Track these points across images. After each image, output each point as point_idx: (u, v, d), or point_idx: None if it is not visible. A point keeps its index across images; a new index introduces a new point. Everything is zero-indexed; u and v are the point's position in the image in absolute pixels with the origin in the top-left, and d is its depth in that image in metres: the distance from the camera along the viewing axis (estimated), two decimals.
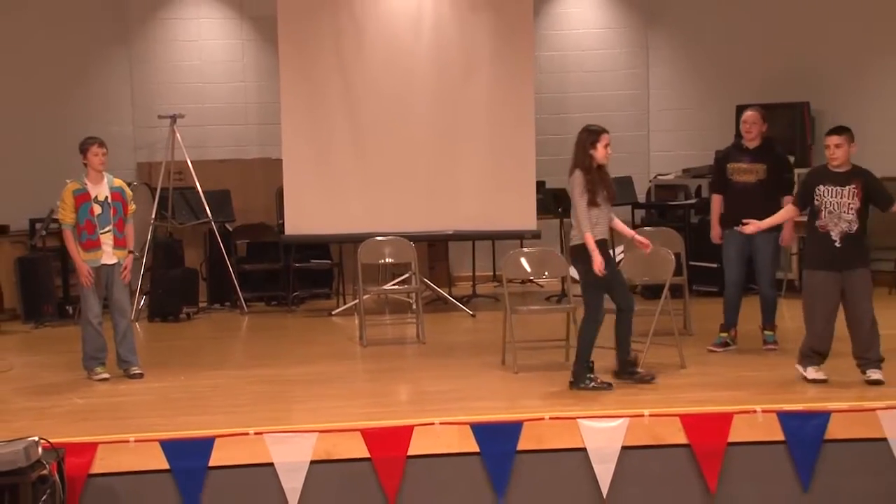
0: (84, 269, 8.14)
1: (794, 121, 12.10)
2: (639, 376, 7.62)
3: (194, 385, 8.08)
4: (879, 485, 6.69)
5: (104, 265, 8.22)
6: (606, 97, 13.47)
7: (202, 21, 13.16)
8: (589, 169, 7.49)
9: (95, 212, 8.17)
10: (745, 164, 8.64)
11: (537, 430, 6.62)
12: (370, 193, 11.23)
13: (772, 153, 8.71)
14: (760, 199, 8.45)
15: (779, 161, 8.72)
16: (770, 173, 8.57)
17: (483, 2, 11.40)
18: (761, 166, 8.58)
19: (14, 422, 6.94)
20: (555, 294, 11.49)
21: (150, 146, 12.77)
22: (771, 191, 8.52)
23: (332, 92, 11.32)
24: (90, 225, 8.16)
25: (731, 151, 8.89)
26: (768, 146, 8.72)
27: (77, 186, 8.18)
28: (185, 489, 6.44)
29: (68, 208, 8.16)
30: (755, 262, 8.65)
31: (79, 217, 8.15)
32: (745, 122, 8.72)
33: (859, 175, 7.46)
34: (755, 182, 8.59)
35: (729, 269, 8.73)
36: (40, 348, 9.93)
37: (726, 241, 8.73)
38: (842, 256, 7.39)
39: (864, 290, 7.39)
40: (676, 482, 6.66)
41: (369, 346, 9.48)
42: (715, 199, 8.88)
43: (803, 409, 6.72)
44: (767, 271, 8.65)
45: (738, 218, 8.50)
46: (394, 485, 6.53)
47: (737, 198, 8.66)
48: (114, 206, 8.24)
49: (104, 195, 8.22)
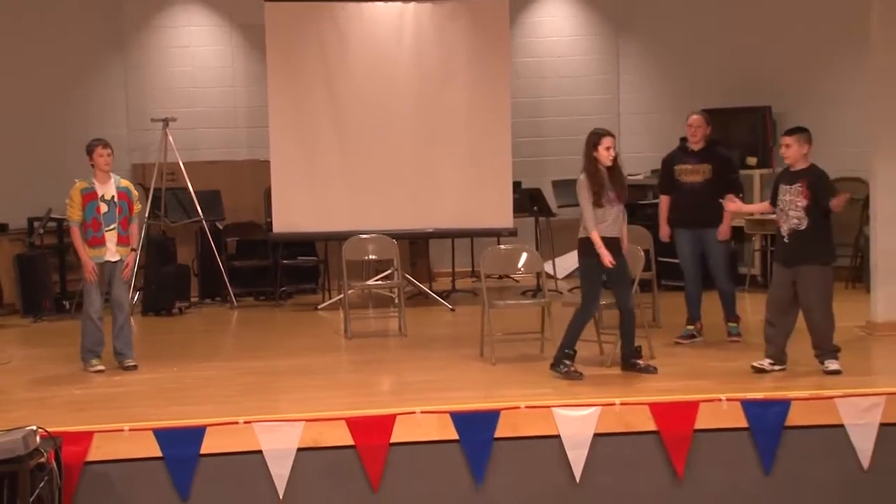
0: (89, 265, 8.13)
1: (756, 124, 12.14)
2: (640, 367, 7.64)
3: (186, 376, 8.06)
4: (837, 468, 6.73)
5: (108, 262, 8.21)
6: (579, 101, 13.48)
7: (193, 29, 13.12)
8: (593, 170, 7.55)
9: (102, 210, 8.16)
10: (691, 165, 8.68)
11: (514, 419, 6.63)
12: (354, 193, 11.21)
13: (716, 154, 8.74)
14: (707, 197, 8.48)
15: (723, 161, 8.74)
16: (715, 173, 8.60)
17: (462, 11, 11.38)
18: (707, 167, 8.62)
19: (13, 412, 6.92)
20: (530, 289, 11.51)
21: (143, 148, 12.72)
22: (717, 190, 8.51)
23: (318, 96, 11.29)
24: (96, 223, 8.15)
25: (677, 154, 8.91)
26: (712, 147, 8.76)
27: (85, 185, 8.17)
28: (178, 476, 6.43)
29: (76, 206, 8.14)
30: (708, 259, 8.68)
31: (85, 215, 8.14)
32: (690, 125, 8.74)
33: (808, 174, 7.46)
34: (702, 182, 8.62)
35: (685, 266, 8.77)
36: (39, 341, 9.89)
37: (679, 240, 8.77)
38: (790, 252, 7.44)
39: (810, 285, 7.36)
40: (646, 467, 6.68)
41: (354, 338, 9.48)
42: (663, 200, 8.93)
43: (765, 398, 6.75)
44: (721, 266, 8.67)
45: (688, 217, 8.53)
46: (377, 471, 6.53)
47: (685, 198, 8.69)
48: (119, 206, 8.23)
49: (111, 194, 8.21)
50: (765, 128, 12.11)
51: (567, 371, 7.49)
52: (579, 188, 7.63)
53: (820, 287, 7.39)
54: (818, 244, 7.40)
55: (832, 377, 7.26)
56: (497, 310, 8.51)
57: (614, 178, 7.59)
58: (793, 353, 7.57)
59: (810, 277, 7.36)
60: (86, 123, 11.78)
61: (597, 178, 7.55)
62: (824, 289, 7.43)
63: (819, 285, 7.39)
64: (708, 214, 8.50)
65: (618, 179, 7.62)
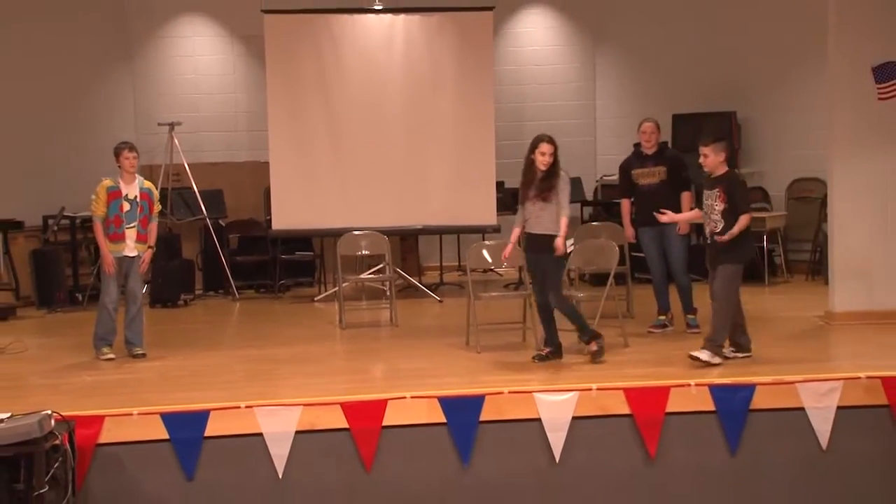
0: (109, 258, 8.13)
1: (723, 128, 12.14)
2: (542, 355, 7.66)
3: (191, 364, 8.03)
4: (798, 448, 6.74)
5: (126, 257, 8.20)
6: (558, 107, 13.49)
7: (197, 39, 13.07)
8: (526, 171, 7.60)
9: (124, 209, 8.16)
10: (647, 168, 8.70)
11: (497, 403, 6.62)
12: (348, 192, 11.20)
13: (668, 156, 8.76)
14: (664, 196, 8.51)
15: (675, 161, 8.75)
16: (669, 174, 8.63)
17: (449, 23, 11.37)
18: (662, 168, 8.64)
19: (29, 397, 6.89)
20: (513, 282, 11.50)
21: (150, 151, 12.65)
22: (672, 189, 8.58)
23: (314, 102, 11.27)
24: (118, 219, 8.14)
25: (633, 160, 8.91)
26: (663, 151, 8.79)
27: (111, 184, 8.18)
28: (184, 457, 6.40)
29: (101, 202, 8.13)
30: (667, 254, 8.68)
31: (109, 211, 8.14)
32: (643, 132, 8.73)
33: (724, 180, 7.41)
34: (658, 182, 8.64)
35: (651, 262, 8.79)
36: (53, 332, 9.85)
37: (643, 238, 8.78)
38: (712, 253, 7.45)
39: (720, 281, 7.35)
40: (621, 448, 6.67)
41: (348, 328, 9.46)
42: (624, 203, 8.95)
43: (732, 383, 6.75)
44: (679, 262, 8.67)
45: (649, 216, 8.54)
46: (370, 452, 6.51)
47: (644, 198, 8.71)
48: (141, 205, 8.23)
49: (134, 194, 8.21)
50: (730, 131, 12.12)
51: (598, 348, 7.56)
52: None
53: (726, 283, 7.33)
54: (735, 245, 7.30)
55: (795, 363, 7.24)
56: (482, 301, 8.51)
57: (543, 181, 7.52)
58: (754, 344, 7.58)
59: (722, 274, 7.35)
60: (96, 128, 11.74)
61: (525, 179, 7.62)
62: (731, 286, 7.35)
63: (726, 282, 7.33)
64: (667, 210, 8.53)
65: (543, 180, 7.52)
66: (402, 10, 11.43)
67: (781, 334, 8.60)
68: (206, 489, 6.44)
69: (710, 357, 7.24)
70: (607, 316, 8.26)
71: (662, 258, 8.72)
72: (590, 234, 9.61)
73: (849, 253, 8.91)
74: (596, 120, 13.60)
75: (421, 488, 6.61)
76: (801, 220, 11.89)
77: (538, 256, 7.60)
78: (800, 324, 9.00)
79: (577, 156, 13.13)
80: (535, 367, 7.50)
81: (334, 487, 6.56)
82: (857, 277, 8.85)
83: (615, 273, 8.34)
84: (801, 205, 12.00)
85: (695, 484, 6.74)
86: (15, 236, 11.28)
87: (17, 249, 11.25)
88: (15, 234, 11.28)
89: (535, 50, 13.59)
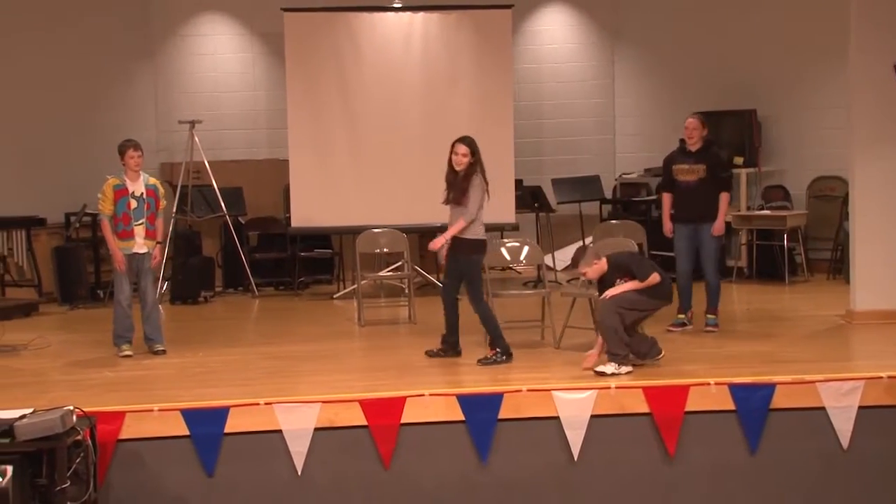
0: (118, 255, 8.16)
1: (743, 126, 12.09)
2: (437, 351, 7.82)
3: (211, 360, 8.06)
4: (818, 448, 6.71)
5: (136, 253, 8.22)
6: (577, 105, 13.44)
7: (217, 37, 13.10)
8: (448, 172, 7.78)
9: (131, 206, 8.18)
10: (687, 165, 8.64)
11: (516, 401, 6.61)
12: (367, 190, 11.20)
13: (711, 155, 8.69)
14: (701, 196, 8.49)
15: (716, 161, 8.70)
16: (709, 173, 8.57)
17: (467, 21, 11.36)
18: (701, 167, 8.58)
19: (51, 392, 6.92)
20: (531, 280, 11.46)
21: (171, 148, 12.72)
22: (710, 188, 8.52)
23: (333, 100, 11.29)
24: (126, 217, 8.17)
25: (676, 155, 8.87)
26: (708, 149, 8.70)
27: (117, 182, 8.20)
28: (204, 453, 6.43)
29: (108, 200, 8.16)
30: (700, 252, 8.64)
31: (116, 209, 8.16)
32: (686, 128, 8.70)
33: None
34: (696, 181, 8.58)
35: (679, 259, 8.73)
36: (74, 328, 9.89)
37: (676, 235, 8.73)
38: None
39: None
40: (639, 446, 6.66)
41: (366, 326, 9.47)
42: (665, 198, 8.89)
43: (752, 382, 6.72)
44: (711, 260, 8.64)
45: (684, 212, 8.51)
46: (388, 449, 6.52)
47: (682, 196, 8.67)
48: (147, 202, 8.26)
49: (140, 191, 8.24)
50: (751, 129, 12.06)
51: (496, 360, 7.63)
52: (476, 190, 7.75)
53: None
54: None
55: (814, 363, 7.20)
56: (500, 300, 8.49)
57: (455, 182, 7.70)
58: (774, 343, 7.55)
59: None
60: (118, 126, 11.78)
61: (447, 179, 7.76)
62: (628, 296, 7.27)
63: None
64: (702, 211, 8.50)
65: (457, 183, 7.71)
66: (421, 8, 11.42)
67: (802, 333, 8.56)
68: (226, 485, 6.46)
69: (612, 368, 7.03)
70: None
71: (692, 257, 8.67)
72: (608, 232, 9.58)
73: (870, 251, 8.86)
74: (615, 118, 13.55)
75: (439, 486, 6.61)
76: (821, 219, 11.82)
77: (454, 257, 7.79)
78: (820, 323, 8.94)
79: (595, 154, 13.11)
80: (553, 365, 7.48)
81: (353, 484, 6.58)
82: (879, 276, 8.80)
83: None
84: (821, 203, 11.93)
85: (714, 483, 6.72)
86: (38, 233, 11.36)
87: (39, 246, 11.33)
88: (38, 231, 11.36)
89: (553, 48, 13.56)
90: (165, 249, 11.27)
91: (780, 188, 12.18)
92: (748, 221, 11.49)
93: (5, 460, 5.59)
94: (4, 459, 5.60)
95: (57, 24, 12.01)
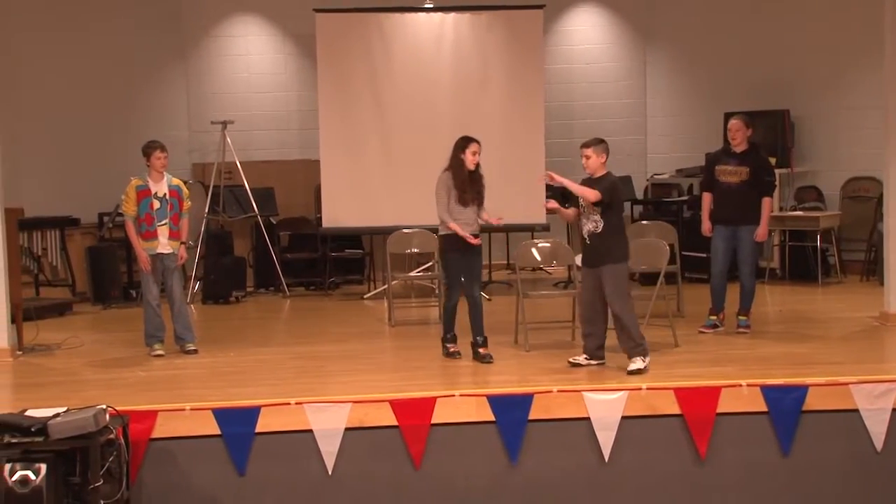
0: (143, 256, 8.21)
1: (776, 126, 12.00)
2: (479, 355, 7.76)
3: (242, 360, 8.10)
4: (851, 450, 6.66)
5: (160, 254, 8.27)
6: (608, 105, 13.40)
7: (250, 38, 13.16)
8: (458, 171, 7.74)
9: (155, 206, 8.23)
10: (730, 166, 8.55)
11: (546, 402, 6.60)
12: (397, 191, 11.21)
13: (756, 158, 8.60)
14: (742, 198, 8.41)
15: (761, 165, 8.61)
16: (752, 176, 8.48)
17: (498, 21, 11.36)
18: (745, 169, 8.49)
19: (84, 391, 6.99)
20: (562, 280, 11.45)
21: (203, 149, 12.79)
22: (752, 191, 8.45)
23: (364, 101, 11.32)
24: (149, 217, 8.21)
25: (720, 155, 8.79)
26: (753, 151, 8.61)
27: (140, 183, 8.25)
28: (235, 452, 6.46)
29: (131, 202, 8.21)
30: (738, 253, 8.57)
31: (140, 210, 8.21)
32: (730, 129, 8.63)
33: (602, 182, 7.30)
34: (738, 183, 8.49)
35: (715, 259, 8.65)
36: (108, 327, 9.98)
37: (715, 235, 8.65)
38: (591, 254, 7.33)
39: (608, 285, 7.23)
40: (670, 448, 6.63)
41: (397, 326, 9.48)
42: (705, 197, 8.80)
43: (784, 383, 6.68)
44: (747, 262, 8.57)
45: (723, 213, 8.46)
46: (419, 449, 6.53)
47: (722, 197, 8.59)
48: (171, 202, 8.30)
49: (163, 192, 8.28)
50: (784, 130, 11.97)
51: (448, 353, 7.85)
52: (438, 185, 7.80)
53: (617, 284, 7.23)
54: (609, 247, 7.24)
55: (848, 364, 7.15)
56: (531, 300, 8.48)
57: (474, 182, 7.73)
58: (807, 344, 7.49)
59: (608, 275, 7.23)
60: (150, 126, 11.87)
61: (460, 179, 7.71)
62: (621, 285, 7.27)
63: (616, 283, 7.23)
64: (744, 213, 8.42)
65: (476, 184, 7.74)
66: (453, 9, 11.42)
67: (835, 335, 8.49)
68: (257, 484, 6.49)
69: (641, 363, 7.12)
70: (657, 315, 8.20)
71: (728, 258, 8.59)
72: (639, 232, 9.54)
73: None
74: (646, 118, 13.49)
75: (469, 486, 6.61)
76: (855, 220, 11.72)
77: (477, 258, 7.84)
78: (854, 325, 8.86)
79: (627, 154, 13.05)
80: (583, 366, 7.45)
81: (383, 484, 6.59)
82: None
83: (665, 272, 8.27)
84: (855, 204, 11.83)
85: (746, 485, 6.67)
86: (71, 233, 11.46)
87: (73, 246, 11.43)
88: (71, 231, 11.46)
89: (584, 48, 13.52)
90: (198, 248, 11.37)
91: (813, 189, 12.08)
92: (781, 222, 11.40)
93: (39, 459, 5.65)
94: (38, 458, 5.65)
95: (90, 25, 12.13)
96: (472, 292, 7.80)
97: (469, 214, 7.76)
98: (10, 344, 8.45)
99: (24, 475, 5.60)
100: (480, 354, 7.77)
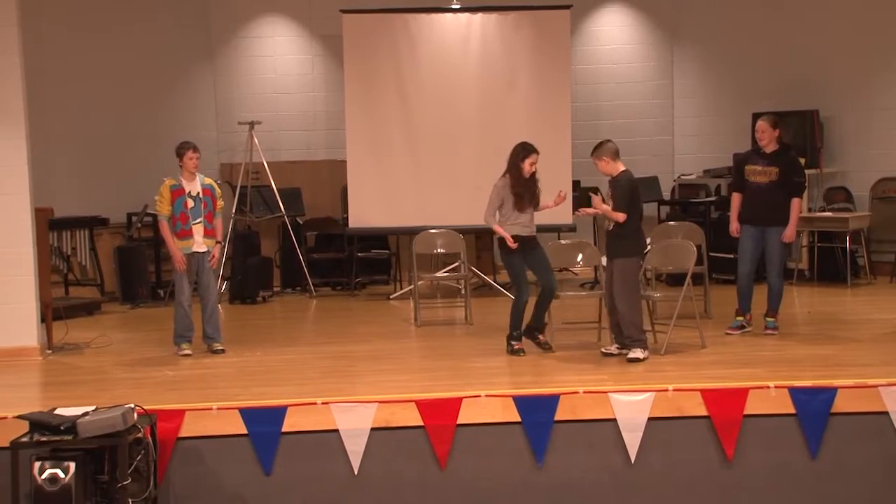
0: (178, 255, 8.25)
1: (805, 127, 11.91)
2: (539, 341, 8.03)
3: (269, 360, 8.13)
4: (881, 453, 6.60)
5: (195, 253, 8.32)
6: (635, 106, 13.35)
7: (277, 39, 13.21)
8: (518, 177, 8.01)
9: (189, 205, 8.28)
10: (760, 166, 8.49)
11: (572, 403, 6.59)
12: (424, 191, 11.23)
13: (785, 158, 8.53)
14: (771, 198, 8.35)
15: (790, 165, 8.54)
16: (782, 176, 8.42)
17: (525, 21, 11.34)
18: (774, 169, 8.42)
19: (113, 390, 7.04)
20: (589, 281, 11.42)
21: (231, 149, 12.85)
22: (781, 192, 8.39)
23: (390, 101, 11.33)
24: (184, 216, 8.26)
25: (750, 155, 8.72)
26: (784, 151, 8.54)
27: (174, 182, 8.31)
28: (261, 451, 6.49)
29: (165, 201, 8.26)
30: (766, 254, 8.51)
31: (174, 209, 8.26)
32: (757, 130, 8.58)
33: (618, 184, 7.72)
34: (767, 183, 8.43)
35: (742, 260, 8.60)
36: (136, 326, 10.03)
37: (743, 235, 8.59)
38: (609, 245, 7.77)
39: (617, 278, 7.63)
40: (697, 450, 6.60)
41: (423, 326, 9.49)
42: (734, 198, 8.74)
43: (812, 385, 6.63)
44: (775, 263, 8.50)
45: (752, 214, 8.41)
46: (445, 450, 6.53)
47: (752, 197, 8.52)
48: (204, 201, 8.35)
49: (196, 191, 8.33)
50: (813, 130, 11.89)
51: (513, 350, 7.95)
52: (493, 190, 8.08)
53: (624, 278, 7.58)
54: (623, 241, 7.63)
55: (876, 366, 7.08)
56: (557, 300, 8.46)
57: (529, 188, 8.06)
58: (836, 346, 7.43)
59: (618, 268, 7.62)
60: (178, 127, 11.94)
61: (517, 186, 7.99)
62: (628, 280, 7.59)
63: (623, 276, 7.58)
64: (772, 214, 8.36)
65: (531, 189, 8.07)
66: (479, 9, 11.42)
67: (864, 337, 8.42)
68: (284, 484, 6.51)
69: (641, 353, 7.51)
70: (684, 316, 8.15)
71: (755, 259, 8.54)
72: (666, 233, 9.50)
73: None
74: (674, 119, 13.43)
75: (494, 487, 6.61)
76: (885, 221, 11.62)
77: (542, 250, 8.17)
78: (883, 326, 8.78)
79: (654, 155, 13.00)
80: (610, 367, 7.44)
81: (409, 484, 6.59)
82: None
83: (692, 273, 8.23)
84: (885, 205, 11.73)
85: (773, 488, 6.63)
86: (100, 233, 11.55)
87: (102, 246, 11.52)
88: (100, 231, 11.55)
89: (612, 48, 13.47)
90: (224, 249, 11.42)
91: (842, 189, 11.99)
92: (810, 223, 11.32)
93: (68, 457, 5.70)
94: (67, 456, 5.71)
95: (118, 25, 12.20)
96: (549, 283, 8.01)
97: (526, 218, 8.02)
98: (40, 343, 8.53)
99: (54, 473, 5.66)
100: (540, 341, 8.02)
